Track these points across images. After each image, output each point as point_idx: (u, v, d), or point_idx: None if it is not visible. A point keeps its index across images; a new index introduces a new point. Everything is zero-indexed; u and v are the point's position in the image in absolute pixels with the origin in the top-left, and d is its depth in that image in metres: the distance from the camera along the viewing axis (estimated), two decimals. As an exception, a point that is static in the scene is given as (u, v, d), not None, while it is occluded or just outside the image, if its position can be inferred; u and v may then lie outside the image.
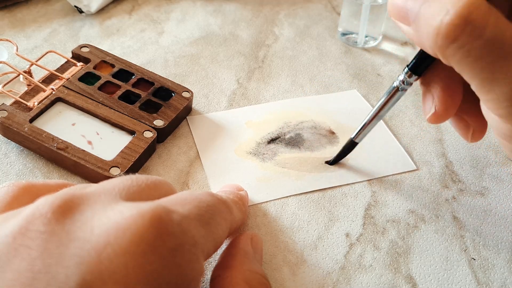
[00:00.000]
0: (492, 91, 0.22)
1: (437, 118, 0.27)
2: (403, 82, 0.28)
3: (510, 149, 0.26)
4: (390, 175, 0.35)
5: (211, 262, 0.28)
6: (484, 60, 0.21)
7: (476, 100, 0.26)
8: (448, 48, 0.22)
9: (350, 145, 0.34)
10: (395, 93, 0.29)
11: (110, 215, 0.19)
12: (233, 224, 0.25)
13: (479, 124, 0.28)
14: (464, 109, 0.28)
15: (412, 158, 0.36)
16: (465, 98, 0.28)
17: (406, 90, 0.29)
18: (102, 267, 0.17)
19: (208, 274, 0.27)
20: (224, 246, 0.27)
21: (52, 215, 0.18)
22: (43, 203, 0.19)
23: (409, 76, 0.28)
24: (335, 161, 0.35)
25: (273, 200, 0.32)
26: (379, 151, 0.36)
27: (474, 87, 0.23)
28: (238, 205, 0.27)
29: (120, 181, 0.21)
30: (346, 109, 0.40)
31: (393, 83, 0.29)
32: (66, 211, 0.19)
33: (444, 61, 0.23)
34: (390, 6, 0.25)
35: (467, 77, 0.23)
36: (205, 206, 0.22)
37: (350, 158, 0.35)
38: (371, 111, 0.31)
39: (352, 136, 0.33)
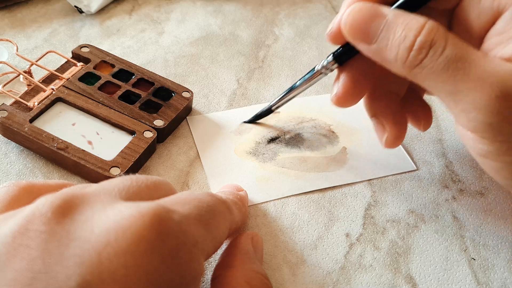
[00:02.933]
0: (459, 102, 0.24)
1: (338, 100, 0.30)
2: (326, 68, 0.31)
3: (491, 166, 0.27)
4: (390, 175, 0.35)
5: (211, 262, 0.28)
6: (446, 74, 0.24)
7: (394, 109, 0.31)
8: (415, 68, 0.24)
9: (267, 111, 0.37)
10: (316, 76, 0.32)
11: (110, 215, 0.19)
12: (232, 225, 0.25)
13: (394, 131, 0.31)
14: (384, 114, 0.31)
15: (412, 158, 0.36)
16: (385, 104, 0.31)
17: (326, 74, 0.31)
18: (102, 267, 0.17)
19: (208, 274, 0.27)
20: (224, 246, 0.27)
21: (52, 215, 0.18)
22: (43, 203, 0.19)
23: (332, 64, 0.30)
24: (250, 122, 0.38)
25: (273, 200, 0.32)
26: (379, 151, 0.36)
27: (444, 102, 0.25)
28: (238, 205, 0.27)
29: (120, 181, 0.21)
30: (346, 108, 0.40)
31: (315, 66, 0.32)
32: (66, 210, 0.19)
33: (410, 78, 0.26)
34: (348, 27, 0.27)
35: (434, 92, 0.25)
36: (205, 206, 0.22)
37: (350, 158, 0.35)
38: (290, 87, 0.34)
39: (271, 105, 0.36)
